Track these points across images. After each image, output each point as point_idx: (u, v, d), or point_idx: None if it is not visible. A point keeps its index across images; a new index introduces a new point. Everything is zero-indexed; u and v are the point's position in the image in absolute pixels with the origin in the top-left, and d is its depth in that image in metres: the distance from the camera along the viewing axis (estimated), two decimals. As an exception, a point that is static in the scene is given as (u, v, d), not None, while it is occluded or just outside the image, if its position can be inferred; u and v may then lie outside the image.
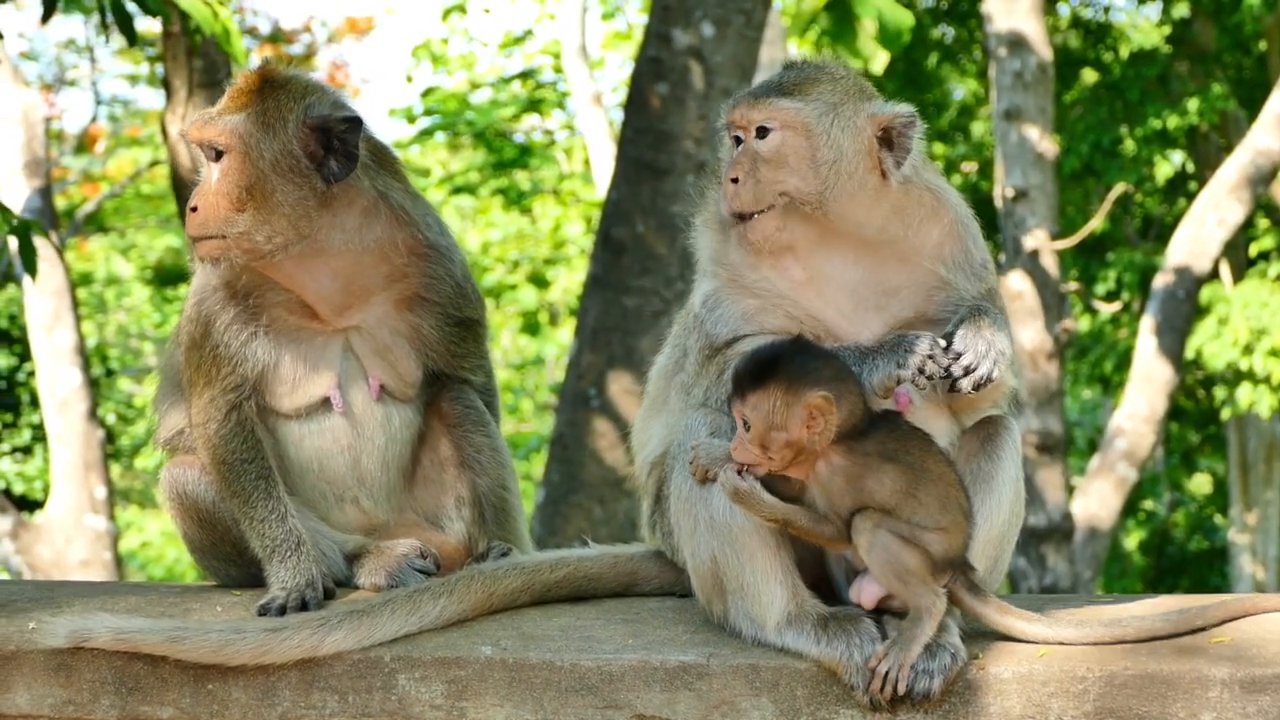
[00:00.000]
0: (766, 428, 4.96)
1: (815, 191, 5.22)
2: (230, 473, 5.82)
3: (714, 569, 5.12)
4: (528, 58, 35.11)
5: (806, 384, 4.95)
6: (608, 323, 12.83)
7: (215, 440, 5.85)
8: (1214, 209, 20.26)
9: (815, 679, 4.97)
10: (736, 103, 5.32)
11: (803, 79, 5.31)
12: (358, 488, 6.07)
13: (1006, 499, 5.26)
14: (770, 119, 5.25)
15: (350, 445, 6.04)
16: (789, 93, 5.27)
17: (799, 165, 5.22)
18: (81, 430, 19.18)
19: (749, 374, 5.01)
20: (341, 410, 5.98)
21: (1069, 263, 27.08)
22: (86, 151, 30.58)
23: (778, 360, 5.00)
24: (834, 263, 5.30)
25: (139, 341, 37.04)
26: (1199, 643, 4.95)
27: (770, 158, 5.24)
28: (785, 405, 4.95)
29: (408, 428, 6.13)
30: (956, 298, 5.33)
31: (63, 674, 5.33)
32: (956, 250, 5.35)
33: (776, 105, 5.25)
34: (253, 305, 5.88)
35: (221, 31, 9.00)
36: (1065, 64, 28.78)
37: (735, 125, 5.30)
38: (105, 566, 19.04)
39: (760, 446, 4.97)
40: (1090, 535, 20.53)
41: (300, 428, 5.99)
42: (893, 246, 5.31)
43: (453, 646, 5.23)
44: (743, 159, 5.26)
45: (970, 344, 5.14)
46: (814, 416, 4.95)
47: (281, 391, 5.94)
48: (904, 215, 5.32)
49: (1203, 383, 32.03)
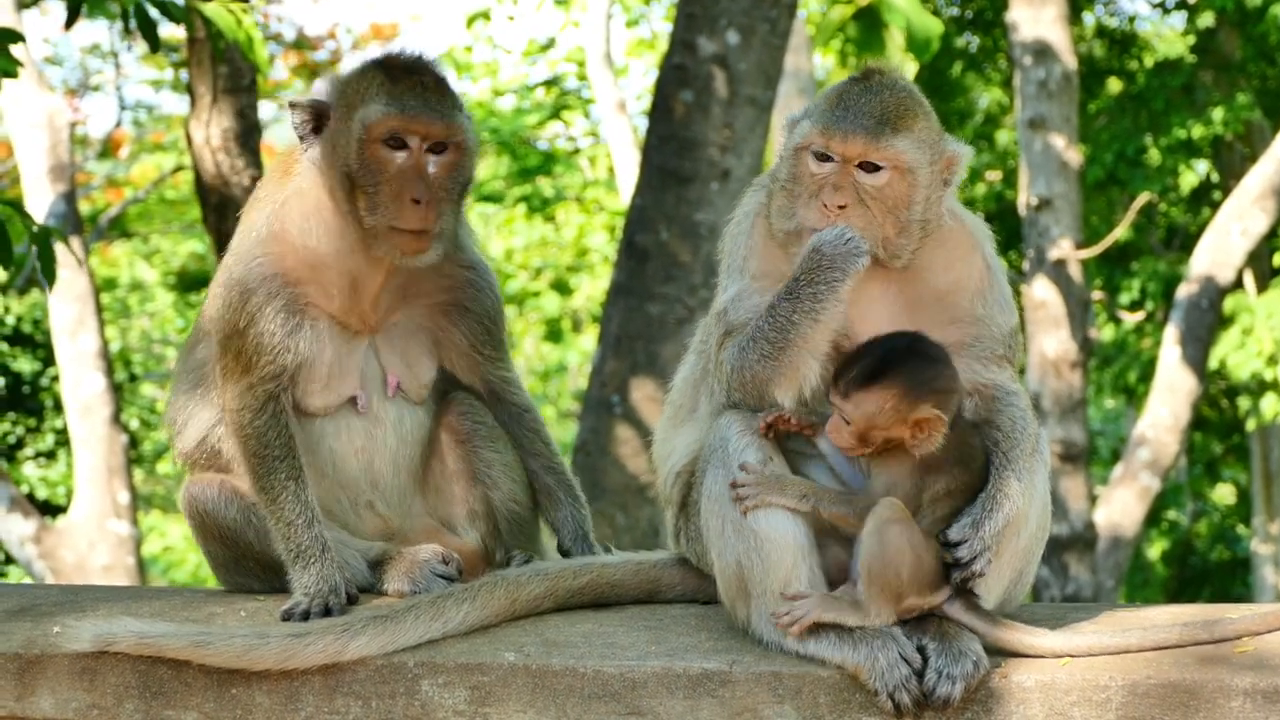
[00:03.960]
0: (869, 427, 4.97)
1: (906, 246, 5.21)
2: (262, 467, 5.80)
3: (739, 572, 5.13)
4: (552, 65, 35.15)
5: (920, 395, 4.97)
6: (631, 330, 12.83)
7: (249, 431, 5.83)
8: (1238, 219, 20.21)
9: (838, 686, 4.97)
10: (848, 136, 5.17)
11: (904, 111, 5.22)
12: (371, 491, 6.08)
13: (1034, 512, 5.24)
14: (887, 159, 5.17)
15: (364, 447, 6.05)
16: (899, 129, 5.18)
17: (899, 211, 5.18)
18: (104, 435, 19.20)
19: (855, 375, 5.00)
20: (364, 410, 6.00)
21: (1093, 272, 27.04)
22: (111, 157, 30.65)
23: (890, 362, 5.00)
24: (877, 292, 5.27)
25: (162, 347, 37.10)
26: (1221, 652, 4.94)
27: (876, 195, 5.17)
28: (894, 411, 4.97)
29: (419, 429, 6.14)
30: (989, 334, 5.30)
31: (87, 678, 5.34)
32: (990, 282, 5.35)
33: (895, 147, 5.16)
34: (297, 297, 5.87)
35: (245, 39, 9.03)
36: (1090, 73, 28.73)
37: (845, 156, 5.19)
38: (128, 571, 19.06)
39: (860, 440, 4.99)
40: (1113, 545, 20.48)
41: (320, 427, 5.99)
42: (931, 281, 5.31)
43: (476, 652, 5.23)
44: (847, 185, 5.18)
45: (968, 535, 5.02)
46: (922, 427, 4.96)
47: (314, 389, 5.94)
48: (946, 249, 5.33)
49: (1226, 392, 31.96)
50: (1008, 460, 5.13)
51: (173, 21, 8.77)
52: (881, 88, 5.25)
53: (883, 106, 5.21)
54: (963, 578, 5.00)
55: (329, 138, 5.84)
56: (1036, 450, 5.25)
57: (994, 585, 5.14)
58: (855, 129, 5.18)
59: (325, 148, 5.85)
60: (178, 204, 31.93)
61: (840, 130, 5.18)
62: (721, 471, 5.15)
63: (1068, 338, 20.51)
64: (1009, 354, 5.35)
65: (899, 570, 4.94)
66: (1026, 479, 5.14)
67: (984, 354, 5.29)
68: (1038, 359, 20.59)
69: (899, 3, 12.96)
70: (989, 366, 5.30)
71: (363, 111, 5.74)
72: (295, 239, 5.88)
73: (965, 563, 4.98)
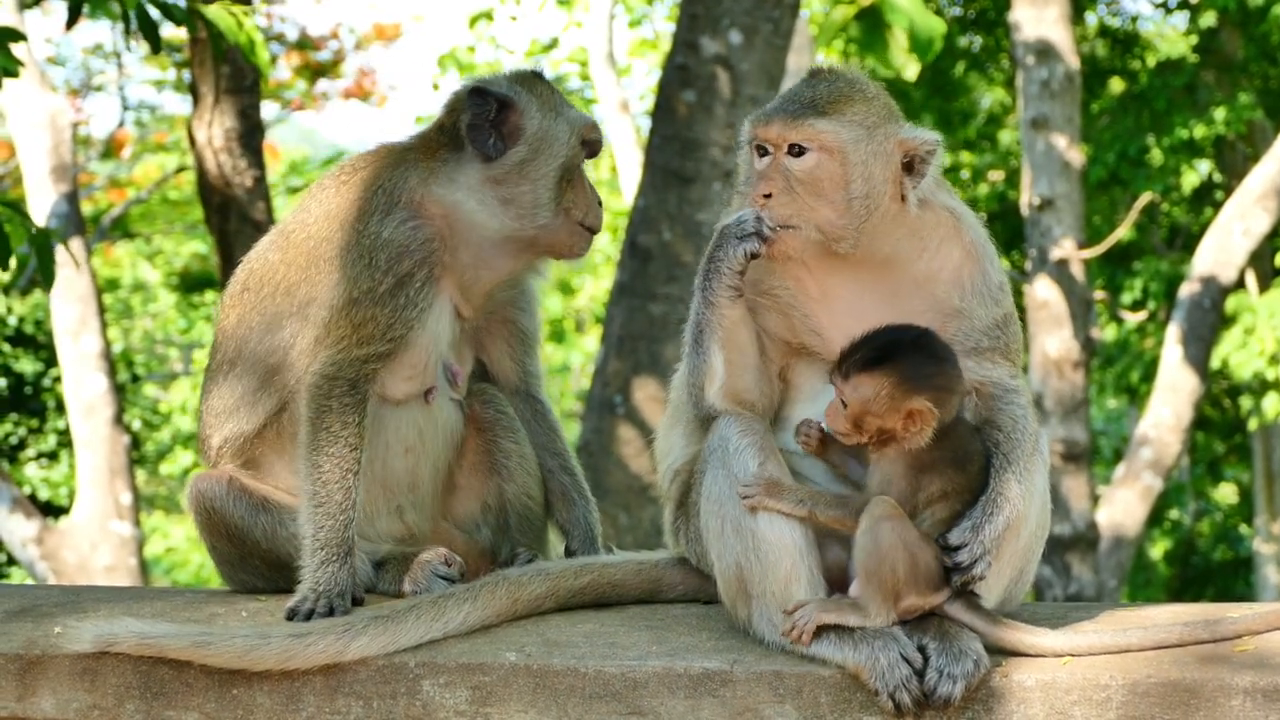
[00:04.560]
0: (864, 411, 4.99)
1: (848, 227, 5.18)
2: (331, 447, 5.74)
3: (739, 573, 5.13)
4: (554, 65, 35.13)
5: (916, 387, 4.98)
6: (634, 330, 12.84)
7: (333, 405, 5.77)
8: (1240, 218, 20.20)
9: (839, 686, 4.97)
10: (769, 119, 5.22)
11: (837, 96, 5.23)
12: (408, 493, 6.08)
13: (1034, 511, 5.24)
14: (808, 140, 5.17)
15: (414, 445, 6.05)
16: (825, 112, 5.18)
17: (833, 193, 5.17)
18: (107, 436, 19.21)
19: (858, 358, 5.02)
20: (433, 401, 6.04)
21: (1095, 272, 27.06)
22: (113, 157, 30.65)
23: (894, 351, 5.01)
24: (846, 284, 5.28)
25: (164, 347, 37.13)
26: (1222, 651, 4.94)
27: (804, 179, 5.17)
28: (889, 399, 4.98)
29: (460, 430, 6.18)
30: (970, 326, 5.30)
31: (88, 678, 5.34)
32: (974, 272, 5.32)
33: (815, 127, 5.17)
34: (436, 271, 5.91)
35: (246, 42, 9.03)
36: (1092, 73, 28.77)
37: (768, 141, 5.23)
38: (130, 572, 19.07)
39: (854, 424, 5.00)
40: (1115, 544, 20.48)
41: (386, 417, 5.98)
42: (907, 270, 5.29)
43: (477, 652, 5.23)
44: (774, 174, 5.19)
45: (968, 539, 5.02)
46: (914, 419, 4.97)
47: (410, 374, 5.96)
48: (920, 238, 5.30)
49: (1228, 392, 31.98)
50: (1008, 462, 5.13)
51: (174, 23, 8.77)
52: (820, 80, 5.28)
53: (814, 94, 5.24)
54: (963, 581, 5.00)
55: (535, 133, 5.97)
56: (1036, 449, 5.26)
57: (994, 585, 5.13)
58: (777, 113, 5.21)
59: (529, 140, 5.97)
60: (180, 204, 31.94)
61: (765, 116, 5.24)
62: (721, 472, 5.15)
63: (1070, 337, 20.51)
64: (1000, 347, 5.32)
65: (894, 567, 4.94)
66: (1027, 480, 5.14)
67: (971, 347, 5.27)
68: (1040, 359, 20.59)
69: (901, 3, 12.96)
70: (983, 363, 5.29)
71: (571, 116, 6.04)
72: (448, 210, 5.95)
73: (965, 566, 4.98)
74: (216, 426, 6.12)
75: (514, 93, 6.00)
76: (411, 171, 5.96)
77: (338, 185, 6.04)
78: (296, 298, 5.98)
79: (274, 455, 6.04)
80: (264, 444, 6.07)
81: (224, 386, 6.12)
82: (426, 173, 5.96)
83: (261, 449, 6.07)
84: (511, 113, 5.97)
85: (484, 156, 5.95)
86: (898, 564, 4.95)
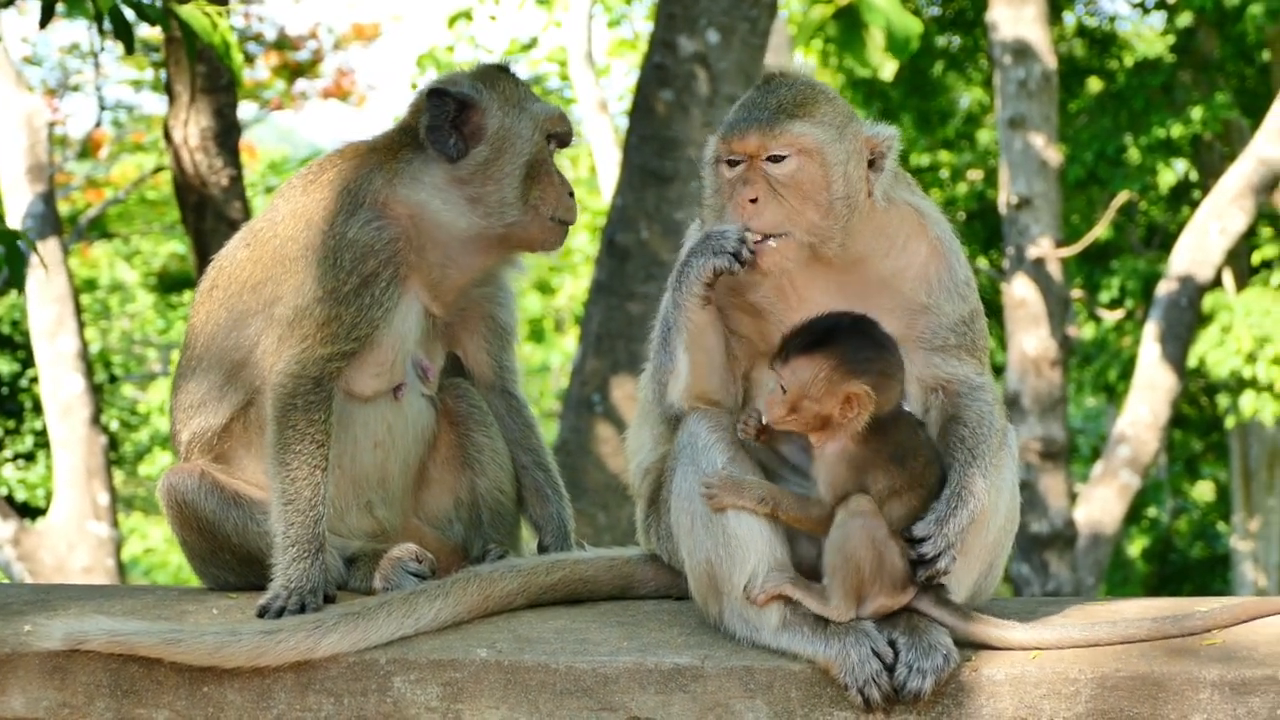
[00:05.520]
0: (801, 395, 4.99)
1: (834, 228, 5.18)
2: (297, 444, 5.76)
3: (710, 569, 5.14)
4: (533, 65, 35.14)
5: (854, 371, 4.98)
6: (612, 329, 12.85)
7: (298, 404, 5.78)
8: (1217, 217, 20.25)
9: (809, 681, 4.98)
10: (744, 131, 5.18)
11: (804, 99, 5.23)
12: (378, 489, 6.08)
13: (1002, 505, 5.26)
14: (787, 145, 5.16)
15: (383, 440, 6.05)
16: (797, 115, 5.18)
17: (817, 195, 5.16)
18: (84, 436, 19.16)
19: (799, 341, 5.03)
20: (401, 398, 6.04)
21: (1073, 270, 27.09)
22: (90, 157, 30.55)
23: (833, 334, 5.02)
24: (820, 286, 5.28)
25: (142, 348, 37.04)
26: (1190, 645, 4.97)
27: (788, 183, 5.16)
28: (827, 383, 4.97)
29: (431, 425, 6.18)
30: (937, 322, 5.31)
31: (58, 676, 5.33)
32: (940, 268, 5.33)
33: (792, 131, 5.16)
34: (402, 269, 5.90)
35: (220, 43, 9.00)
36: (1070, 73, 28.81)
37: (746, 153, 5.19)
38: (108, 573, 19.02)
39: (790, 410, 5.00)
40: (1093, 542, 20.52)
41: (353, 414, 5.98)
42: (875, 268, 5.30)
43: (448, 649, 5.23)
44: (756, 179, 5.17)
45: (931, 532, 5.02)
46: (851, 403, 4.98)
47: (379, 370, 5.96)
48: (887, 235, 5.31)
49: (1206, 390, 32.05)
50: (973, 457, 5.14)
51: (148, 23, 8.74)
52: (779, 86, 5.27)
53: (778, 100, 5.23)
54: (927, 575, 5.01)
55: (497, 132, 5.96)
56: (1004, 444, 5.27)
57: (963, 579, 5.15)
58: (751, 124, 5.18)
59: (492, 139, 5.96)
60: (158, 204, 31.85)
61: (738, 130, 5.20)
62: (691, 469, 5.16)
63: (1048, 336, 20.56)
64: (967, 343, 5.33)
65: (860, 564, 4.96)
66: (993, 475, 5.15)
67: (938, 344, 5.30)
68: (1018, 357, 20.63)
69: (879, 2, 12.98)
70: (949, 360, 5.31)
71: (535, 109, 6.00)
72: (413, 210, 5.94)
73: (930, 559, 4.99)
74: (185, 422, 6.13)
75: (475, 91, 5.99)
76: (377, 172, 5.96)
77: (305, 185, 6.05)
78: (262, 296, 5.99)
79: (243, 450, 6.05)
80: (232, 439, 6.08)
81: (191, 382, 6.14)
82: (391, 173, 5.96)
83: (230, 444, 6.08)
84: (473, 112, 5.96)
85: (447, 158, 5.95)
86: (864, 560, 4.96)
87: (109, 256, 37.31)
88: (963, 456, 5.14)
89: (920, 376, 5.31)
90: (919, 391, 5.32)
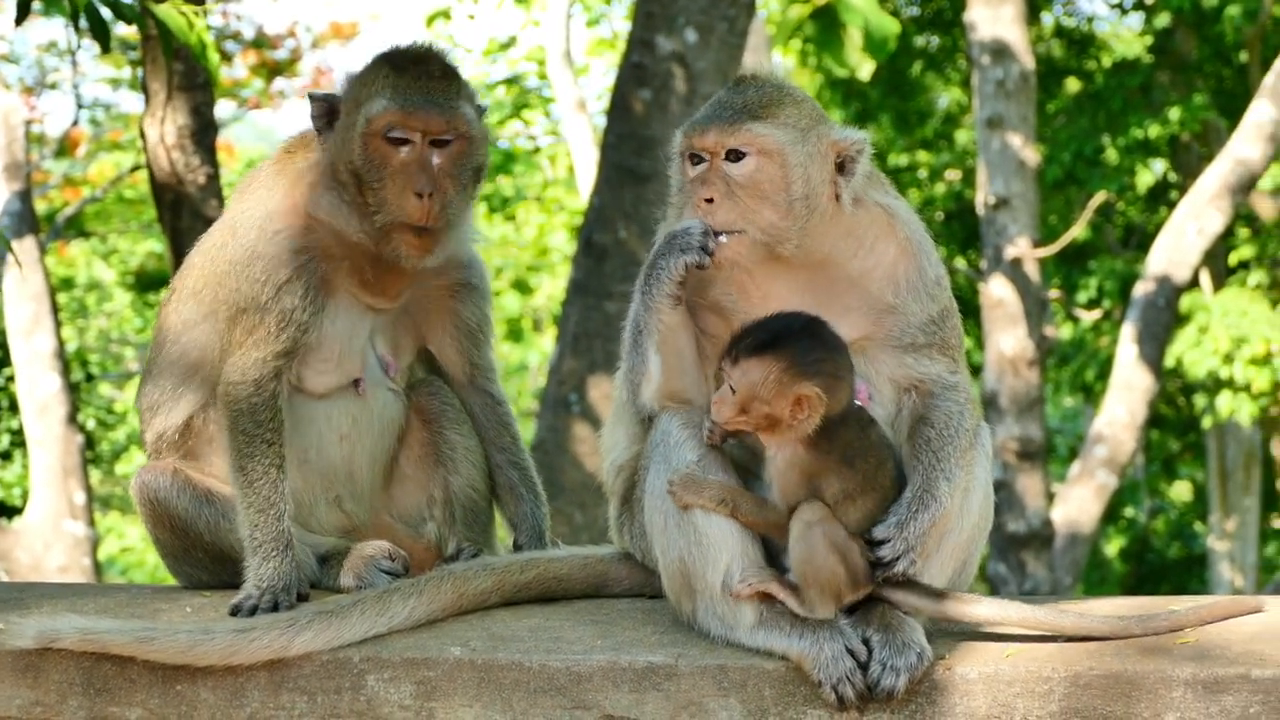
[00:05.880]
0: (751, 397, 4.99)
1: (791, 228, 5.20)
2: (249, 448, 5.77)
3: (682, 568, 5.14)
4: (512, 64, 35.13)
5: (804, 373, 4.97)
6: (589, 328, 12.85)
7: (244, 407, 5.79)
8: (1194, 218, 20.28)
9: (783, 679, 4.98)
10: (705, 128, 5.23)
11: (769, 100, 5.26)
12: (346, 484, 6.08)
13: (975, 503, 5.27)
14: (746, 144, 5.20)
15: (349, 434, 6.05)
16: (760, 116, 5.22)
17: (774, 195, 5.19)
18: (61, 435, 19.14)
19: (748, 342, 5.02)
20: (363, 392, 6.02)
21: (1051, 270, 27.17)
22: (67, 155, 30.48)
23: (783, 336, 5.01)
24: (785, 286, 5.30)
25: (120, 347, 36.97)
26: (1163, 643, 4.97)
27: (745, 183, 5.20)
28: (777, 384, 4.97)
29: (398, 420, 6.17)
30: (905, 322, 5.32)
31: (30, 675, 5.32)
32: (909, 268, 5.34)
33: (752, 130, 5.20)
34: (320, 271, 5.87)
35: (197, 43, 8.97)
36: (1048, 73, 28.88)
37: (705, 150, 5.24)
38: (84, 572, 18.99)
39: (740, 410, 5.00)
40: (1070, 541, 20.55)
41: (314, 410, 5.99)
42: (843, 269, 5.32)
43: (422, 647, 5.23)
44: (715, 179, 5.21)
45: (891, 534, 5.03)
46: (801, 405, 4.97)
47: (325, 367, 5.96)
48: (856, 237, 5.33)
49: (1183, 390, 32.11)
50: (937, 460, 5.15)
51: (125, 22, 8.71)
52: (748, 87, 5.32)
53: (744, 100, 5.27)
54: (884, 577, 5.02)
55: (338, 132, 5.86)
56: (975, 444, 5.28)
57: (937, 577, 5.15)
58: (712, 122, 5.23)
59: (335, 142, 5.87)
60: (135, 203, 31.77)
61: (699, 126, 5.26)
62: (663, 467, 5.17)
63: (1025, 336, 20.59)
64: (938, 342, 5.34)
65: (832, 570, 4.97)
66: (961, 475, 5.16)
67: (907, 343, 5.31)
68: (995, 357, 20.66)
69: (857, 2, 13.00)
70: (920, 359, 5.32)
71: (366, 106, 5.77)
72: (319, 215, 5.89)
73: (888, 562, 5.01)
74: (148, 421, 6.18)
75: (343, 91, 5.88)
76: (285, 179, 5.96)
77: (239, 192, 6.11)
78: (205, 301, 6.03)
79: (209, 447, 6.06)
80: (198, 437, 6.10)
81: (150, 383, 6.19)
82: (297, 177, 5.94)
83: (196, 441, 6.10)
84: (338, 115, 5.89)
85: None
86: (834, 566, 4.97)
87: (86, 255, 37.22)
88: (927, 459, 5.15)
89: (892, 376, 5.33)
90: (892, 391, 5.34)
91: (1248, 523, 32.10)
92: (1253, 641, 4.97)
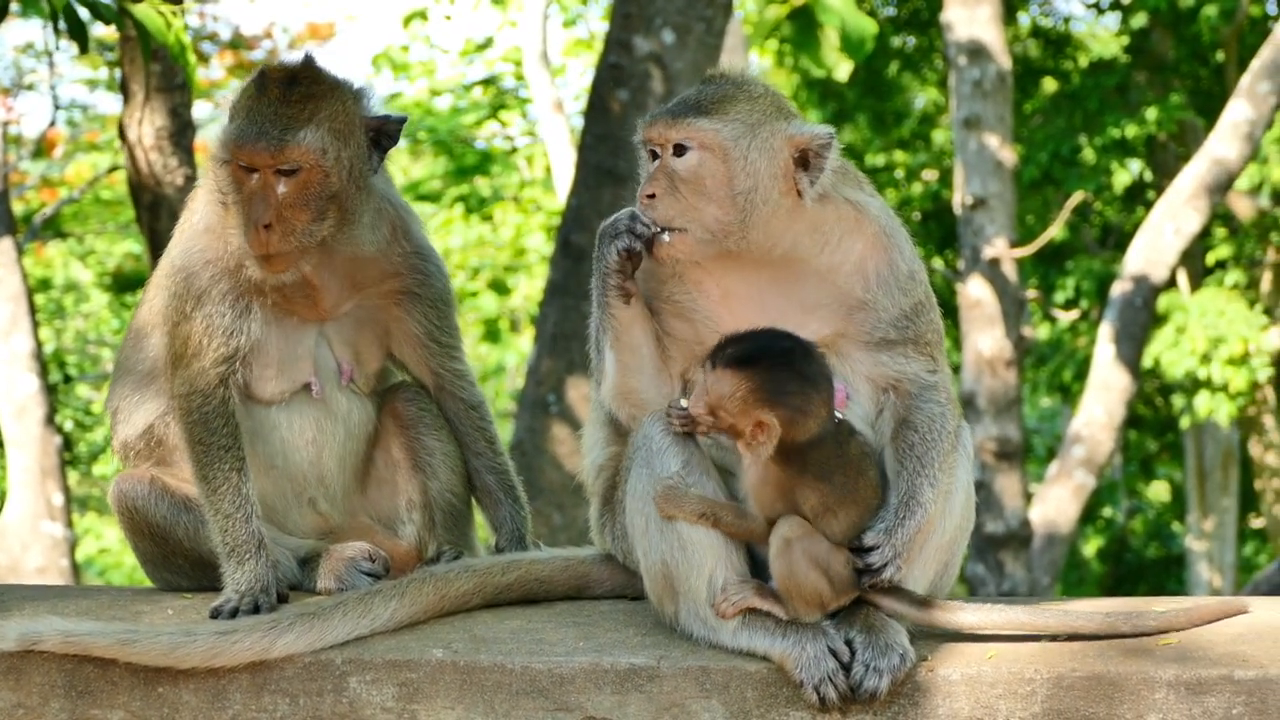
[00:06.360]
0: (717, 404, 5.00)
1: (734, 223, 5.20)
2: (206, 456, 5.79)
3: (665, 570, 5.14)
4: (489, 65, 35.07)
5: (768, 401, 4.97)
6: (567, 329, 12.85)
7: (196, 417, 5.81)
8: (1171, 218, 20.30)
9: (765, 681, 4.99)
10: (654, 120, 5.28)
11: (720, 97, 5.27)
12: (317, 486, 6.08)
13: (957, 505, 5.28)
14: (688, 138, 5.21)
15: (315, 439, 6.05)
16: (706, 111, 5.23)
17: (716, 191, 5.20)
18: (38, 436, 19.10)
19: (730, 352, 5.03)
20: (319, 395, 5.99)
21: (1028, 270, 27.21)
22: (45, 156, 30.39)
23: (760, 357, 5.02)
24: (746, 283, 5.31)
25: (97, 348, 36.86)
26: (1145, 644, 4.99)
27: (688, 178, 5.21)
28: (741, 403, 4.98)
29: (368, 423, 6.16)
30: (876, 318, 5.32)
31: (12, 677, 5.31)
32: (880, 263, 5.33)
33: (694, 125, 5.21)
34: (241, 283, 5.84)
35: (174, 43, 8.95)
36: (1025, 73, 28.91)
37: (652, 141, 5.27)
38: (62, 573, 18.96)
39: (709, 412, 5.02)
40: (1048, 542, 20.57)
41: (274, 416, 6.00)
42: (808, 265, 5.31)
43: (404, 649, 5.23)
44: (659, 175, 5.23)
45: (880, 541, 5.05)
46: (760, 429, 4.98)
47: (267, 374, 5.95)
48: (821, 232, 5.31)
49: (1161, 390, 32.19)
50: (922, 465, 5.16)
51: (103, 22, 8.70)
52: (710, 83, 5.34)
53: (699, 95, 5.30)
54: (871, 584, 5.03)
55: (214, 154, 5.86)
56: (957, 445, 5.28)
57: (919, 579, 5.17)
58: (660, 115, 5.28)
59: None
60: (113, 204, 31.69)
61: (651, 119, 5.30)
62: (645, 471, 5.17)
63: (1002, 336, 20.60)
64: (912, 338, 5.34)
65: (815, 584, 4.99)
66: (944, 479, 5.17)
67: (879, 339, 5.31)
68: (973, 357, 20.68)
69: (833, 3, 13.02)
70: (895, 357, 5.32)
71: (224, 131, 5.74)
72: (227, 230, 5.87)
73: (876, 569, 5.02)
74: (114, 428, 6.24)
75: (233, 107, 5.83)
76: (203, 194, 5.97)
77: (189, 199, 6.12)
78: (156, 310, 6.09)
79: (179, 455, 6.04)
80: (161, 445, 6.12)
81: (114, 389, 6.26)
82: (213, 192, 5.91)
83: (165, 449, 6.11)
84: None
85: None
86: (816, 580, 4.99)
87: (63, 256, 37.10)
88: (911, 465, 5.16)
89: (869, 375, 5.33)
90: (871, 391, 5.34)
91: (1226, 523, 32.18)
92: (1235, 643, 4.99)
